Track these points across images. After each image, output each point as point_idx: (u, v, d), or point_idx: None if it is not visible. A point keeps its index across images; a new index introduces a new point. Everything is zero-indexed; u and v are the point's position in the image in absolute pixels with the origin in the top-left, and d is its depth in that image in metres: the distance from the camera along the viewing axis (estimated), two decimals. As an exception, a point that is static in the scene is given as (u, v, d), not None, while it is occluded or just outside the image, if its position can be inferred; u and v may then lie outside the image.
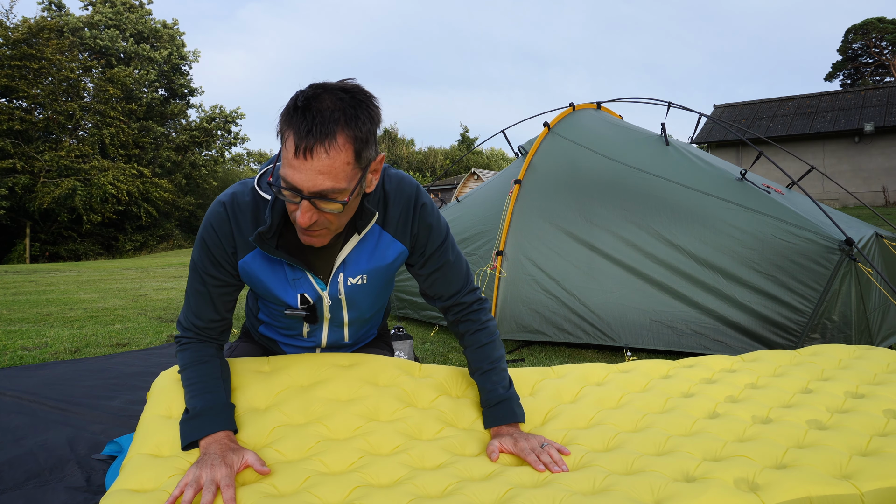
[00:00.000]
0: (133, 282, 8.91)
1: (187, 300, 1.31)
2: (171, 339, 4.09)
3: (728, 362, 1.69)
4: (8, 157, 21.17)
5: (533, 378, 1.57)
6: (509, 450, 1.24)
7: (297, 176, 1.03)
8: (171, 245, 27.44)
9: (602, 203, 3.67)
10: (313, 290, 1.30)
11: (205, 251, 1.25)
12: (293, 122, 1.02)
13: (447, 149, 46.22)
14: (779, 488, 1.03)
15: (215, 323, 1.31)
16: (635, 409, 1.40)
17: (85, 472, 1.76)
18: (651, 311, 3.25)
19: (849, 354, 1.72)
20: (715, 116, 16.02)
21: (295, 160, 1.02)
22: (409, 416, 1.34)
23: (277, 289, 1.28)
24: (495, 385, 1.35)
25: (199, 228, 1.26)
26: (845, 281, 2.98)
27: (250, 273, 1.27)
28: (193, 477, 1.06)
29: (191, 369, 1.27)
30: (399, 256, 1.32)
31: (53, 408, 2.33)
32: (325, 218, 1.10)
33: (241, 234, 1.22)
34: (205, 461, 1.09)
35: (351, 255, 1.28)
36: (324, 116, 1.01)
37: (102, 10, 27.93)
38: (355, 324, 1.44)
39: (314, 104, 1.02)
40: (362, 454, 1.19)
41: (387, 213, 1.28)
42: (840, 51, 32.54)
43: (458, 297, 1.40)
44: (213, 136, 30.26)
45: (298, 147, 1.01)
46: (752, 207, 3.31)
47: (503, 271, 3.64)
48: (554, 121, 4.36)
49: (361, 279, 1.31)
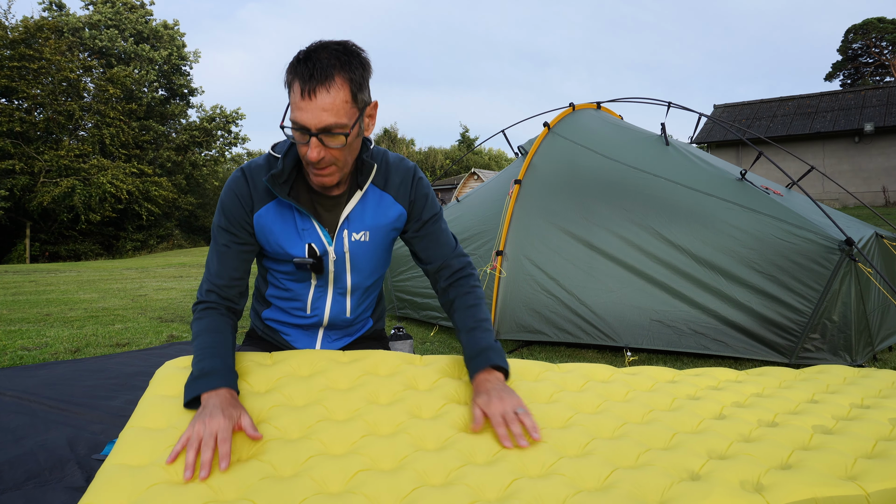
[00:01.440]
0: (133, 282, 8.91)
1: (208, 266, 1.42)
2: (171, 339, 4.09)
3: (734, 374, 1.69)
4: (8, 158, 21.17)
5: (536, 369, 1.56)
6: (482, 409, 1.23)
7: (305, 115, 1.21)
8: (171, 245, 27.45)
9: (602, 203, 3.66)
10: (320, 242, 1.42)
11: (225, 213, 1.39)
12: (298, 71, 1.21)
13: (447, 149, 46.24)
14: (784, 489, 1.02)
15: (235, 282, 1.41)
16: (641, 404, 1.40)
17: (85, 472, 1.75)
18: (651, 311, 3.25)
19: (854, 374, 1.73)
20: (715, 116, 16.01)
21: (301, 101, 1.21)
22: (409, 397, 1.33)
23: (287, 239, 1.40)
24: (479, 339, 1.39)
25: (220, 197, 1.42)
26: (845, 281, 2.98)
27: (264, 226, 1.39)
28: (193, 432, 1.09)
29: (204, 336, 1.33)
30: (399, 218, 1.47)
31: (53, 408, 2.33)
32: (332, 154, 1.26)
33: (256, 191, 1.38)
34: (204, 412, 1.13)
35: (355, 211, 1.42)
36: (322, 63, 1.21)
37: (102, 10, 27.92)
38: (357, 292, 1.53)
39: (314, 55, 1.22)
40: (364, 433, 1.18)
41: (388, 179, 1.45)
42: (840, 51, 32.55)
43: (447, 259, 1.53)
44: (214, 136, 30.25)
45: (304, 90, 1.20)
46: (752, 207, 3.31)
47: (503, 271, 3.64)
48: (554, 121, 4.36)
49: (364, 235, 1.45)
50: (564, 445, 1.19)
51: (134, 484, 0.98)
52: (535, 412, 1.29)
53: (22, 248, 22.40)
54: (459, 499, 1.00)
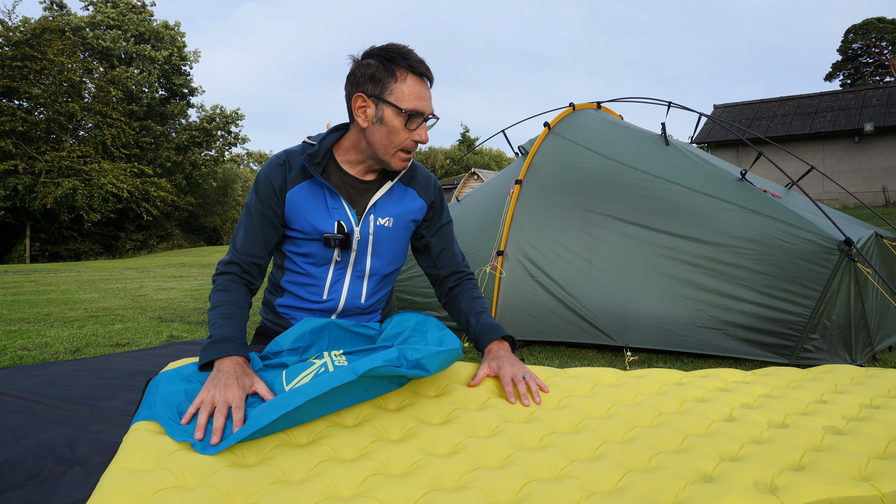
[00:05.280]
0: (133, 282, 8.91)
1: (234, 241, 1.51)
2: (171, 338, 4.09)
3: (741, 375, 1.69)
4: (10, 159, 21.17)
5: (543, 375, 1.56)
6: (493, 372, 1.43)
7: (425, 104, 1.41)
8: (171, 245, 27.46)
9: (603, 203, 3.66)
10: (348, 221, 1.51)
11: (257, 193, 1.49)
12: (410, 64, 1.39)
13: (447, 149, 46.22)
14: (798, 490, 1.02)
15: (258, 258, 1.50)
16: (651, 408, 1.39)
17: (85, 471, 1.76)
18: (651, 311, 3.25)
19: (862, 373, 1.73)
20: (715, 116, 16.01)
21: (420, 89, 1.40)
22: (418, 402, 1.33)
23: (317, 216, 1.49)
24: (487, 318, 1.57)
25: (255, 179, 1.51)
26: (844, 281, 2.97)
27: (296, 202, 1.49)
28: (208, 396, 1.14)
29: (226, 306, 1.40)
30: (420, 210, 1.61)
31: (53, 408, 2.33)
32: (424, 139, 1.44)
33: (290, 171, 1.48)
34: (218, 379, 1.19)
35: (382, 199, 1.55)
36: (425, 63, 1.41)
37: (105, 10, 27.91)
38: (374, 277, 1.61)
39: (416, 55, 1.41)
40: (373, 439, 1.18)
41: (413, 176, 1.61)
42: (840, 51, 32.55)
43: (458, 266, 1.70)
44: (213, 136, 30.23)
45: (422, 77, 1.40)
46: (752, 208, 3.31)
47: (503, 271, 3.64)
48: (554, 121, 4.36)
49: (388, 221, 1.56)
50: (575, 449, 1.19)
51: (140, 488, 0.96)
52: (544, 419, 1.31)
53: (22, 248, 22.40)
54: (472, 502, 0.99)
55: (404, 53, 1.39)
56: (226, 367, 1.23)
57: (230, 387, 1.16)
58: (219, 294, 1.45)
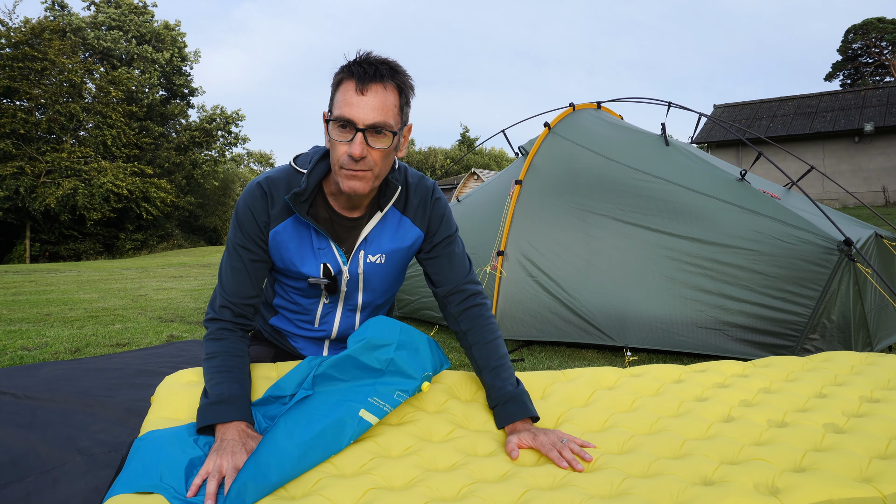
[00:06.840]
0: (133, 282, 8.91)
1: (222, 281, 1.38)
2: (171, 338, 4.09)
3: (740, 368, 1.68)
4: (11, 160, 21.18)
5: (543, 381, 1.56)
6: (529, 444, 1.24)
7: (354, 111, 1.20)
8: (171, 245, 27.45)
9: (602, 203, 3.66)
10: (335, 262, 1.40)
11: (240, 228, 1.36)
12: (352, 70, 1.22)
13: (447, 149, 46.23)
14: (800, 491, 1.02)
15: (251, 299, 1.38)
16: (649, 413, 1.39)
17: (85, 471, 1.76)
18: (651, 312, 3.25)
19: (861, 361, 1.72)
20: (715, 116, 16.01)
21: (353, 97, 1.21)
22: (418, 419, 1.33)
23: (303, 258, 1.39)
24: (504, 382, 1.36)
25: (234, 210, 1.38)
26: (844, 281, 2.97)
27: (279, 243, 1.37)
28: (215, 466, 1.08)
29: (221, 357, 1.31)
30: (416, 241, 1.46)
31: (53, 408, 2.33)
32: (372, 157, 1.24)
33: (274, 207, 1.35)
34: (224, 448, 1.12)
35: (373, 233, 1.41)
36: (378, 67, 1.23)
37: (107, 10, 27.90)
38: (367, 309, 1.52)
39: (369, 59, 1.24)
40: (373, 455, 1.18)
41: (408, 201, 1.43)
42: (840, 51, 32.54)
43: (459, 283, 1.49)
44: (214, 136, 30.23)
45: (357, 86, 1.21)
46: (752, 208, 3.31)
47: (504, 271, 3.64)
48: (554, 121, 4.36)
49: (380, 258, 1.44)
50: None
51: None
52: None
53: (22, 248, 22.39)
54: None
55: (356, 57, 1.25)
56: (230, 436, 1.16)
57: (237, 454, 1.11)
58: (213, 343, 1.34)
